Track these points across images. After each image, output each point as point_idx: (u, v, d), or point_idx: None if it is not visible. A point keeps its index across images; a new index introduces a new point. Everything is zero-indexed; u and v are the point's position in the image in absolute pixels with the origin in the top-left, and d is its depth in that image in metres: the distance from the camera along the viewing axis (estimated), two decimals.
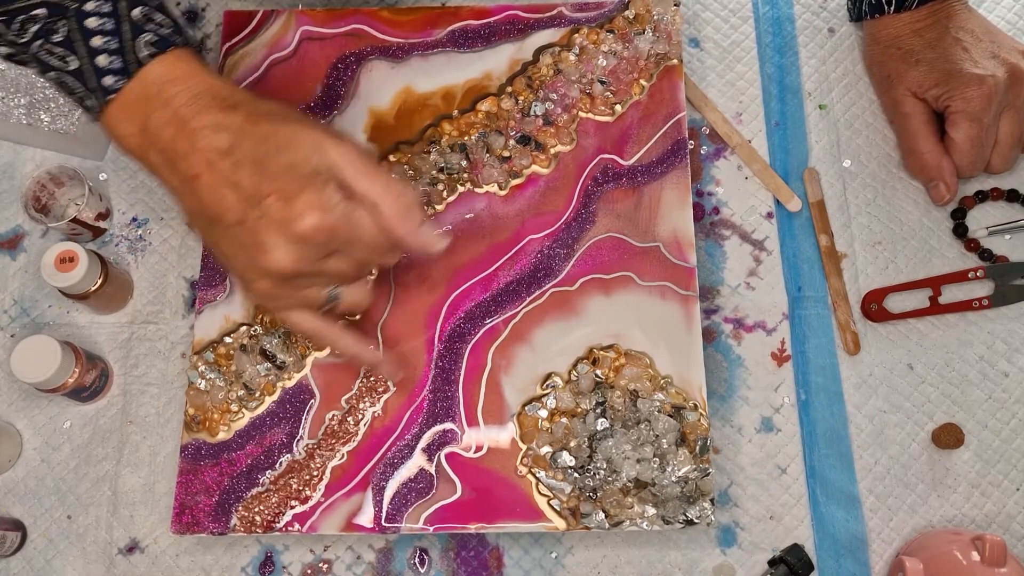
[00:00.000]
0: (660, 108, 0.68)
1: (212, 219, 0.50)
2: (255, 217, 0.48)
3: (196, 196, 0.49)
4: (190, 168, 0.49)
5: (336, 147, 0.49)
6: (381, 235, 0.51)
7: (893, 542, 0.62)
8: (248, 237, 0.49)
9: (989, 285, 0.67)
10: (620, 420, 0.60)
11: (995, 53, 0.66)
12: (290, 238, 0.48)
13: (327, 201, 0.48)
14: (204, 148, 0.48)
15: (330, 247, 0.50)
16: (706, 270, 0.68)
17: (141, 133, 0.50)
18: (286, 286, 0.51)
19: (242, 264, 0.50)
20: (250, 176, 0.48)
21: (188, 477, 0.60)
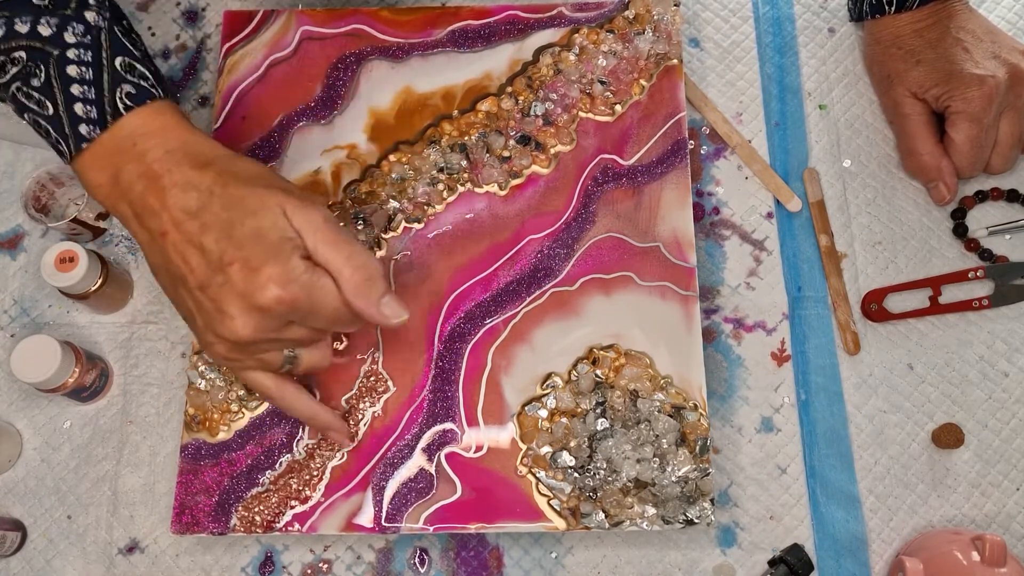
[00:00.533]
0: (660, 108, 0.68)
1: (175, 278, 0.50)
2: (218, 283, 0.48)
3: (162, 253, 0.49)
4: (159, 225, 0.49)
5: (303, 214, 0.49)
6: (343, 306, 0.50)
7: (893, 542, 0.62)
8: (209, 302, 0.49)
9: (989, 285, 0.67)
10: (620, 420, 0.60)
11: (996, 53, 0.66)
12: (251, 308, 0.48)
13: (290, 273, 0.48)
14: (172, 207, 0.48)
15: (290, 317, 0.50)
16: (706, 270, 0.68)
17: (112, 184, 0.50)
18: (244, 351, 0.51)
19: (201, 326, 0.50)
20: (216, 241, 0.48)
21: (188, 477, 0.60)
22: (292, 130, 0.68)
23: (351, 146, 0.68)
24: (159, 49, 0.74)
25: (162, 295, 0.67)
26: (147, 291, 0.68)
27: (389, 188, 0.66)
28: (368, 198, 0.66)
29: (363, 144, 0.68)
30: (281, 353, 0.53)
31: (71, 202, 0.69)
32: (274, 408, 0.62)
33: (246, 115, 0.68)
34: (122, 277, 0.66)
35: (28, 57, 0.49)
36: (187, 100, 0.73)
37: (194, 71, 0.74)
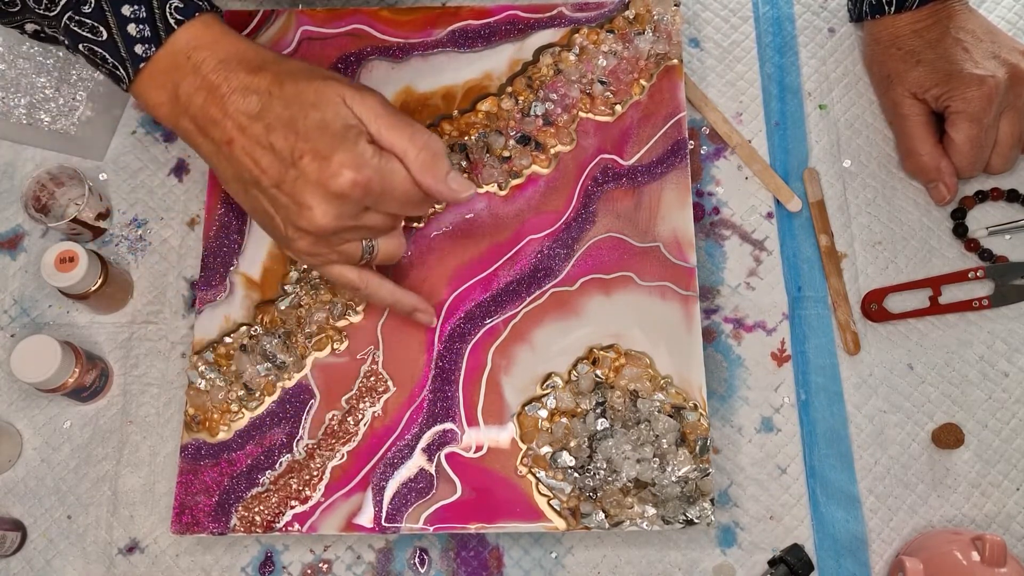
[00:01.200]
0: (660, 108, 0.68)
1: (248, 183, 0.51)
2: (292, 178, 0.49)
3: (230, 161, 0.50)
4: (223, 134, 0.50)
5: (362, 101, 0.50)
6: (413, 186, 0.51)
7: (893, 542, 0.62)
8: (286, 198, 0.50)
9: (989, 285, 0.67)
10: (620, 420, 0.60)
11: (996, 53, 0.66)
12: (328, 196, 0.49)
13: (360, 157, 0.49)
14: (235, 113, 0.49)
15: (366, 202, 0.51)
16: (706, 270, 0.68)
17: (172, 101, 0.51)
18: (325, 243, 0.52)
19: (281, 225, 0.51)
20: (284, 138, 0.49)
21: (188, 477, 0.60)
22: None
23: None
24: None
25: (161, 295, 0.67)
26: (147, 291, 0.68)
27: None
28: None
29: None
30: (360, 244, 0.54)
31: (71, 202, 0.69)
32: (274, 408, 0.62)
33: None
34: (122, 277, 0.66)
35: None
36: None
37: None
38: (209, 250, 0.65)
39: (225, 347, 0.63)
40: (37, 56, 0.69)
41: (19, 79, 0.69)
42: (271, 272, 0.65)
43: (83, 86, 0.69)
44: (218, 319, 0.64)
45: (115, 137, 0.72)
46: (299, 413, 0.62)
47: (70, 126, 0.68)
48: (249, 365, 0.62)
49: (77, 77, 0.69)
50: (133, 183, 0.71)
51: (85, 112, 0.69)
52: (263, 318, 0.64)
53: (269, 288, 0.64)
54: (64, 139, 0.69)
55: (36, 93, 0.69)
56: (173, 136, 0.72)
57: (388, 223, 0.54)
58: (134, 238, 0.69)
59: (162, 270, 0.68)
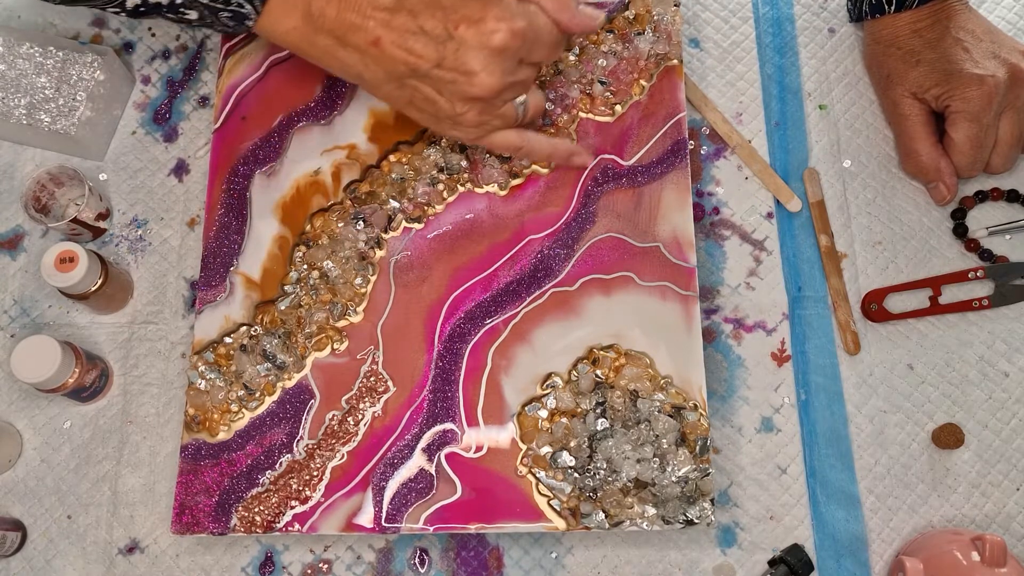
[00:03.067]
0: (660, 108, 0.68)
1: (406, 74, 0.52)
2: (453, 50, 0.51)
3: (381, 61, 0.52)
4: (366, 36, 0.51)
5: None
6: (554, 27, 0.55)
7: (893, 542, 0.62)
8: (450, 73, 0.52)
9: (989, 285, 0.67)
10: (620, 420, 0.60)
11: (996, 53, 0.66)
12: (491, 55, 0.52)
13: (508, 10, 0.52)
14: (373, 12, 0.51)
15: (521, 54, 0.53)
16: (706, 270, 0.68)
17: (305, 21, 0.52)
18: (490, 108, 0.55)
19: (447, 103, 0.53)
20: (431, 17, 0.51)
21: (188, 477, 0.60)
22: (292, 130, 0.68)
23: (351, 146, 0.68)
24: (159, 49, 0.75)
25: (161, 295, 0.67)
26: (147, 291, 0.68)
27: (389, 188, 0.66)
28: (368, 198, 0.66)
29: (363, 144, 0.68)
30: (514, 103, 0.57)
31: (71, 202, 0.69)
32: (274, 408, 0.62)
33: (246, 115, 0.68)
34: (122, 277, 0.66)
35: None
36: (187, 100, 0.73)
37: (194, 71, 0.74)
38: (209, 250, 0.65)
39: (225, 347, 0.63)
40: (37, 56, 0.70)
41: (19, 79, 0.69)
42: (271, 272, 0.65)
43: (83, 86, 0.69)
44: (218, 319, 0.64)
45: (115, 137, 0.72)
46: (299, 413, 0.62)
47: (70, 126, 0.68)
48: (249, 365, 0.62)
49: (77, 77, 0.69)
50: (133, 183, 0.71)
51: (85, 112, 0.69)
52: (263, 318, 0.64)
53: (269, 288, 0.64)
54: (64, 139, 0.69)
55: (36, 93, 0.69)
56: (173, 136, 0.72)
57: (533, 75, 0.57)
58: (134, 238, 0.69)
59: (162, 270, 0.68)
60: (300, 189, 0.67)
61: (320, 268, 0.64)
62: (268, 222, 0.66)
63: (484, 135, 0.58)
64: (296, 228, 0.66)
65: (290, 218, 0.66)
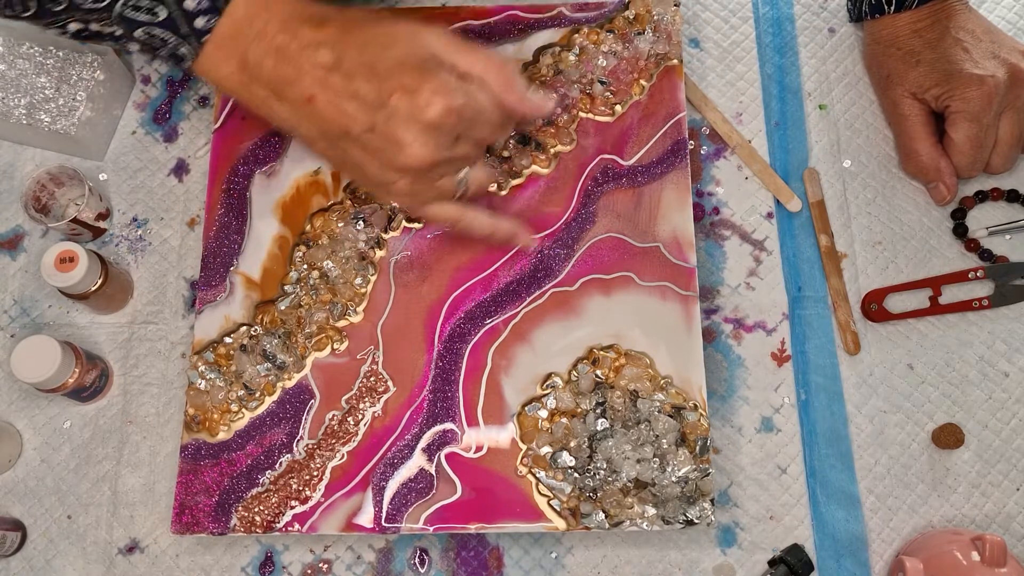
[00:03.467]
0: (660, 108, 0.68)
1: (338, 135, 0.51)
2: (384, 119, 0.49)
3: (313, 118, 0.50)
4: (301, 92, 0.50)
5: (431, 33, 0.51)
6: (498, 107, 0.52)
7: (893, 542, 0.62)
8: (380, 140, 0.50)
9: (989, 285, 0.67)
10: (620, 420, 0.60)
11: (995, 53, 0.66)
12: (424, 128, 0.49)
13: (446, 84, 0.50)
14: (310, 69, 0.49)
15: (458, 130, 0.51)
16: (706, 270, 0.68)
17: (241, 69, 0.51)
18: (423, 180, 0.53)
19: (378, 169, 0.51)
20: (367, 82, 0.49)
21: (188, 477, 0.60)
22: None
23: None
24: None
25: (161, 295, 0.67)
26: (147, 291, 0.68)
27: None
28: (368, 198, 0.66)
29: None
30: (454, 177, 0.55)
31: (71, 202, 0.69)
32: (274, 408, 0.62)
33: (246, 115, 0.68)
34: (122, 277, 0.66)
35: None
36: (187, 100, 0.73)
37: None
38: (209, 250, 0.65)
39: (225, 347, 0.63)
40: (37, 56, 0.69)
41: (19, 79, 0.69)
42: (271, 272, 0.65)
43: (83, 86, 0.69)
44: (218, 319, 0.64)
45: (115, 137, 0.72)
46: (299, 413, 0.62)
47: (70, 126, 0.68)
48: (249, 365, 0.62)
49: (77, 77, 0.69)
50: (133, 183, 0.71)
51: (85, 112, 0.69)
52: (263, 318, 0.64)
53: (269, 288, 0.64)
54: (64, 139, 0.69)
55: (36, 93, 0.69)
56: (173, 136, 0.72)
57: (476, 152, 0.55)
58: (134, 238, 0.69)
59: (162, 270, 0.68)
60: (300, 189, 0.67)
61: (320, 268, 0.64)
62: (268, 222, 0.66)
63: (418, 205, 0.55)
64: (296, 228, 0.66)
65: (290, 218, 0.66)
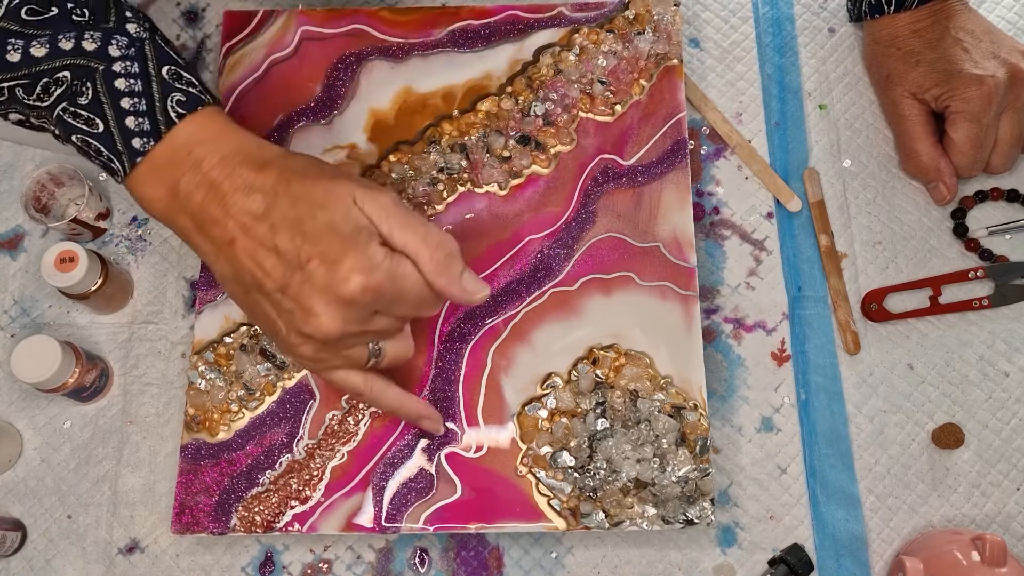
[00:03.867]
0: (660, 108, 0.68)
1: (250, 285, 0.48)
2: (298, 282, 0.46)
3: (231, 262, 0.48)
4: (224, 234, 0.47)
5: (372, 200, 0.48)
6: (425, 288, 0.49)
7: (893, 542, 0.62)
8: (291, 303, 0.47)
9: (989, 285, 0.67)
10: (620, 420, 0.60)
11: (995, 53, 0.66)
12: (336, 302, 0.46)
13: (371, 260, 0.47)
14: (237, 213, 0.47)
15: (376, 307, 0.48)
16: (706, 270, 0.68)
17: (170, 197, 0.48)
18: (331, 349, 0.49)
19: (284, 330, 0.49)
20: (290, 240, 0.46)
21: (188, 477, 0.60)
22: (292, 130, 0.68)
23: (351, 146, 0.68)
24: None
25: (161, 295, 0.67)
26: (147, 291, 0.68)
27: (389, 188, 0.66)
28: None
29: (363, 144, 0.68)
30: (366, 348, 0.51)
31: (71, 202, 0.69)
32: (274, 408, 0.62)
33: (246, 115, 0.68)
34: (122, 277, 0.66)
35: (73, 75, 0.48)
36: None
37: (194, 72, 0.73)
38: None
39: (225, 347, 0.63)
40: None
41: None
42: None
43: None
44: (218, 319, 0.64)
45: None
46: (299, 413, 0.62)
47: None
48: (249, 365, 0.62)
49: None
50: None
51: None
52: None
53: None
54: None
55: None
56: None
57: (397, 326, 0.52)
58: (134, 238, 0.69)
59: (162, 270, 0.68)
60: None
61: None
62: None
63: (322, 371, 0.52)
64: None
65: None
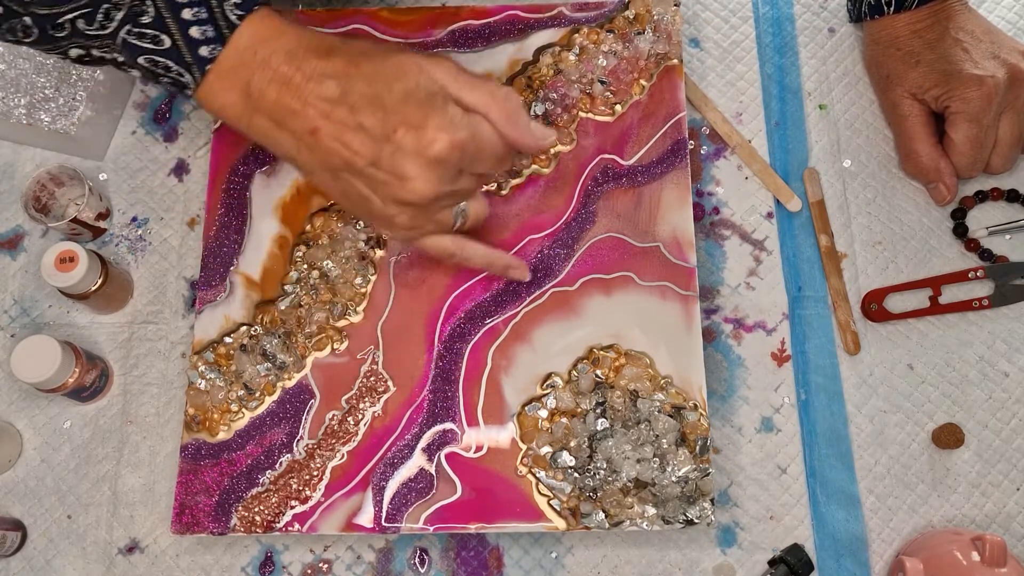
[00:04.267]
0: (660, 108, 0.68)
1: (340, 167, 0.50)
2: (389, 153, 0.49)
3: (316, 151, 0.50)
4: (305, 124, 0.49)
5: (437, 66, 0.51)
6: (499, 142, 0.53)
7: (893, 542, 0.62)
8: (384, 174, 0.50)
9: (989, 285, 0.67)
10: (620, 420, 0.60)
11: (995, 54, 0.66)
12: (428, 163, 0.49)
13: (452, 120, 0.50)
14: (315, 101, 0.49)
15: (461, 164, 0.51)
16: (706, 270, 0.68)
17: (243, 100, 0.50)
18: (424, 213, 0.53)
19: (380, 204, 0.51)
20: (372, 115, 0.49)
21: (188, 477, 0.60)
22: None
23: None
24: None
25: (161, 295, 0.67)
26: (147, 291, 0.68)
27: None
28: None
29: None
30: (452, 210, 0.55)
31: (71, 202, 0.69)
32: (274, 408, 0.62)
33: None
34: (122, 277, 0.66)
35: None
36: (187, 100, 0.73)
37: None
38: (209, 250, 0.65)
39: (225, 347, 0.63)
40: (37, 56, 0.69)
41: (19, 79, 0.69)
42: (271, 272, 0.65)
43: (83, 86, 0.69)
44: (218, 319, 0.64)
45: (115, 137, 0.72)
46: (299, 413, 0.62)
47: (70, 126, 0.68)
48: (249, 365, 0.62)
49: (77, 77, 0.69)
50: (133, 183, 0.71)
51: (85, 112, 0.69)
52: (263, 318, 0.64)
53: (269, 288, 0.64)
54: (64, 139, 0.69)
55: (36, 93, 0.69)
56: (173, 136, 0.72)
57: (477, 185, 0.55)
58: (134, 238, 0.69)
59: (162, 270, 0.68)
60: (300, 189, 0.67)
61: (320, 268, 0.64)
62: (268, 222, 0.66)
63: (417, 238, 0.56)
64: (296, 228, 0.66)
65: (290, 218, 0.66)
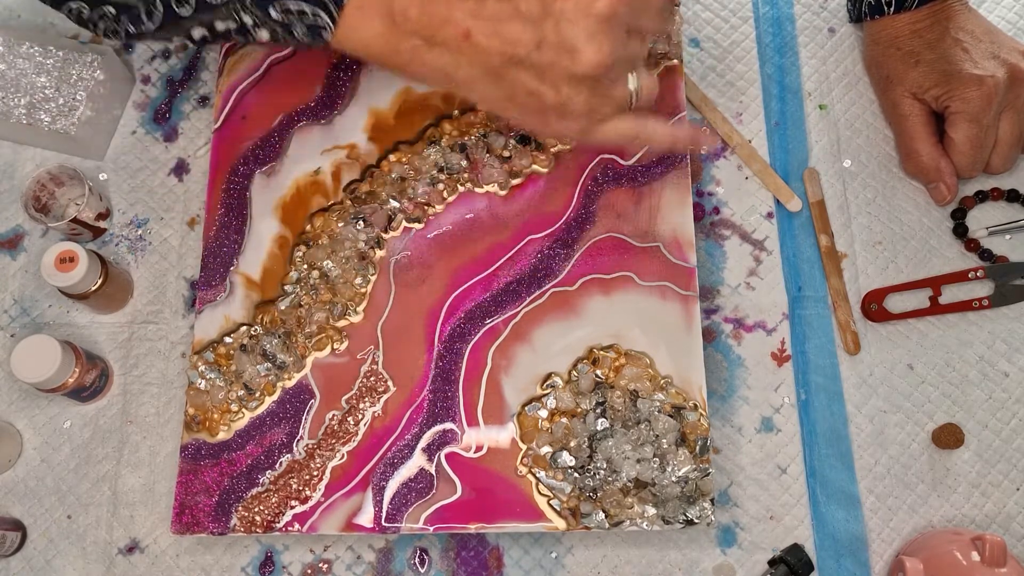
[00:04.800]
0: (660, 108, 0.68)
1: (503, 66, 0.49)
2: (551, 28, 0.47)
3: (474, 56, 0.49)
4: (457, 30, 0.48)
5: None
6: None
7: (893, 542, 0.62)
8: (552, 52, 0.48)
9: (989, 285, 0.67)
10: (620, 420, 0.60)
11: (995, 54, 0.66)
12: (595, 25, 0.47)
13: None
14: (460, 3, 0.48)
15: (626, 19, 0.49)
16: (706, 270, 0.68)
17: (388, 26, 0.49)
18: (600, 89, 0.50)
19: (551, 91, 0.49)
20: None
21: (188, 477, 0.60)
22: (292, 130, 0.68)
23: (351, 146, 0.68)
24: (159, 49, 0.74)
25: (161, 295, 0.67)
26: (147, 291, 0.68)
27: (389, 188, 0.66)
28: (368, 198, 0.66)
29: (363, 144, 0.68)
30: (627, 87, 0.52)
31: (71, 202, 0.69)
32: (274, 408, 0.62)
33: (246, 115, 0.68)
34: (122, 277, 0.66)
35: None
36: (187, 99, 0.73)
37: (194, 71, 0.74)
38: (209, 250, 0.65)
39: (225, 347, 0.63)
40: (37, 56, 0.70)
41: (19, 79, 0.69)
42: (271, 272, 0.65)
43: (83, 86, 0.69)
44: (218, 319, 0.64)
45: (115, 137, 0.72)
46: (299, 413, 0.62)
47: (70, 126, 0.68)
48: (249, 365, 0.62)
49: (77, 77, 0.69)
50: (133, 183, 0.71)
51: (85, 112, 0.69)
52: (263, 318, 0.64)
53: (269, 288, 0.64)
54: (64, 139, 0.69)
55: (36, 93, 0.69)
56: (173, 136, 0.72)
57: (643, 50, 0.53)
58: (134, 238, 0.69)
59: (162, 270, 0.68)
60: (300, 189, 0.67)
61: (320, 268, 0.64)
62: (268, 222, 0.66)
63: (595, 125, 0.52)
64: (296, 228, 0.66)
65: (290, 218, 0.66)
